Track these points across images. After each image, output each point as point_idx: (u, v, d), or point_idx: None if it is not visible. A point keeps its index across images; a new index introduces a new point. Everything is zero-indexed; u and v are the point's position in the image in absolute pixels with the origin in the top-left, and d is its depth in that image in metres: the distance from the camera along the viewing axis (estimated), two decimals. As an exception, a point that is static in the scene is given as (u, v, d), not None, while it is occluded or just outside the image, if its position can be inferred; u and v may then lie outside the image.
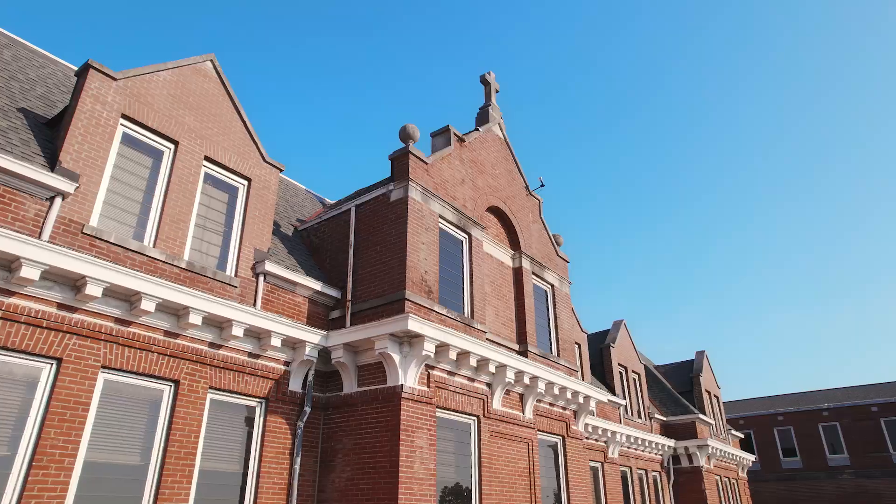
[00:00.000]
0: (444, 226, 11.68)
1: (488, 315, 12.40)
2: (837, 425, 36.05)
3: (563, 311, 14.84)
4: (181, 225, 9.13)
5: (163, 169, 9.25)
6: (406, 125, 11.50)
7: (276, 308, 10.16)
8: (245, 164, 10.46)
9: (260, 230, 10.34)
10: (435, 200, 11.35)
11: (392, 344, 9.48)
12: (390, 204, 10.99)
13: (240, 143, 10.51)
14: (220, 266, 9.65)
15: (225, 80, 10.56)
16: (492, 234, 13.48)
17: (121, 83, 8.82)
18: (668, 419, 24.01)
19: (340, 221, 11.91)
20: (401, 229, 10.57)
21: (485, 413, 11.00)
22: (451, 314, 10.84)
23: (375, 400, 9.65)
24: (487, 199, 13.27)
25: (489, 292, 12.67)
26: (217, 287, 9.30)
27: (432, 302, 10.45)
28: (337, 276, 11.40)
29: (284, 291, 10.41)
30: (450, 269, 11.53)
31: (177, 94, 9.67)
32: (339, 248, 11.67)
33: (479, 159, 13.42)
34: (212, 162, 9.98)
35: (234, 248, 9.91)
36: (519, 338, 13.09)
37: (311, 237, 12.45)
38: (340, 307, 10.99)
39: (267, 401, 9.51)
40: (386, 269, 10.51)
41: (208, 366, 8.77)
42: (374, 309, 10.37)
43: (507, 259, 13.67)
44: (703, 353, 27.88)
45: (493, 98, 15.13)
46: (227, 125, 10.39)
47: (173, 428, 8.06)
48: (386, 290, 10.34)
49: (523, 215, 14.51)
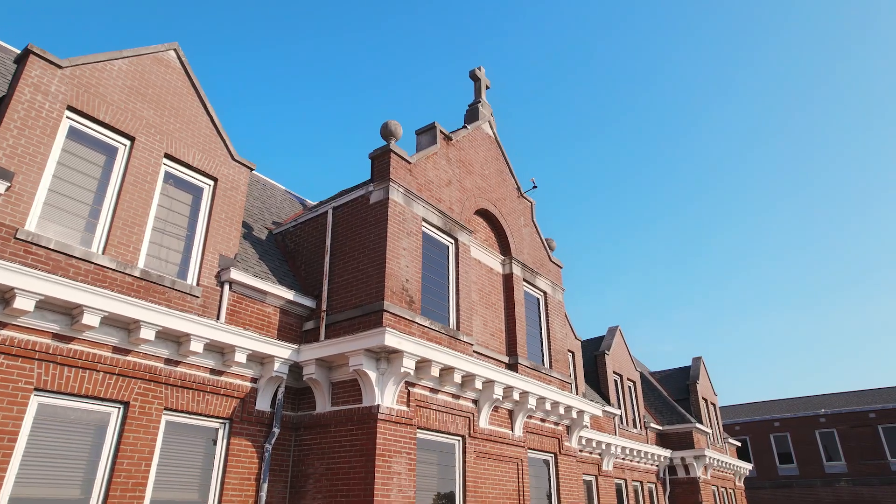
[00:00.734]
0: (429, 230, 10.89)
1: (476, 325, 11.61)
2: (834, 432, 35.42)
3: (556, 319, 14.07)
4: (136, 229, 8.30)
5: (116, 167, 8.41)
6: (388, 121, 10.70)
7: (243, 320, 9.34)
8: (211, 163, 9.63)
9: (226, 234, 9.51)
10: (418, 203, 10.56)
11: (368, 360, 8.68)
12: (370, 206, 10.19)
13: (205, 140, 9.68)
14: (181, 274, 8.82)
15: (190, 70, 9.73)
16: (480, 239, 12.69)
17: (67, 72, 7.98)
18: (663, 428, 23.29)
19: (317, 225, 11.10)
20: (380, 234, 9.76)
21: (471, 432, 10.21)
22: (435, 326, 10.05)
23: (350, 421, 8.85)
24: (476, 201, 12.48)
25: (477, 301, 11.89)
26: (176, 297, 8.47)
27: (413, 313, 9.65)
28: (312, 283, 10.58)
29: (253, 301, 9.58)
30: (434, 277, 10.74)
31: (134, 86, 8.83)
32: (314, 254, 10.85)
33: (467, 159, 12.63)
34: (173, 160, 9.15)
35: (197, 255, 9.08)
36: (509, 349, 12.31)
37: (287, 241, 11.63)
38: (315, 318, 10.18)
39: (231, 421, 8.69)
40: (364, 277, 9.71)
41: (164, 384, 7.94)
42: (350, 321, 9.57)
43: (496, 265, 12.88)
44: (699, 359, 27.19)
45: (483, 94, 14.34)
46: (192, 120, 9.56)
47: (121, 455, 7.22)
48: (363, 300, 9.54)
49: (514, 218, 13.73)
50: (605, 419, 19.62)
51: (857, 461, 34.41)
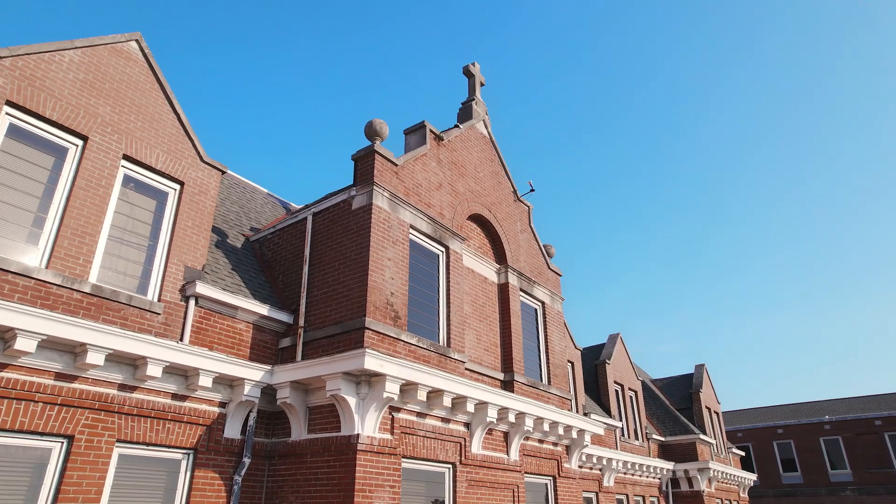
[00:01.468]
0: (417, 238, 10.04)
1: (468, 340, 10.76)
2: (839, 439, 34.61)
3: (555, 331, 13.23)
4: (88, 239, 7.44)
5: (66, 170, 7.55)
6: (373, 120, 9.86)
7: (211, 338, 8.48)
8: (177, 165, 8.78)
9: (193, 243, 8.66)
10: (405, 208, 9.71)
11: (346, 384, 7.83)
12: (352, 212, 9.34)
13: (171, 140, 8.82)
14: (141, 289, 7.96)
15: (154, 64, 8.88)
16: (474, 246, 11.85)
17: (7, 62, 7.12)
18: (666, 439, 22.46)
19: (296, 232, 10.24)
20: (362, 243, 8.92)
21: (462, 459, 9.37)
22: (423, 343, 9.20)
23: (327, 451, 7.99)
24: (469, 205, 11.64)
25: (469, 314, 11.04)
26: (133, 315, 7.62)
27: (399, 330, 8.81)
28: (290, 296, 9.73)
29: (222, 317, 8.73)
30: (422, 289, 9.89)
31: (88, 80, 7.98)
32: (293, 264, 10.00)
33: (459, 160, 11.78)
34: (133, 162, 8.30)
35: (160, 267, 8.22)
36: (504, 365, 11.46)
37: (264, 249, 10.78)
38: (292, 334, 9.32)
39: (195, 452, 7.83)
40: (344, 290, 8.86)
41: (116, 414, 7.09)
42: (329, 339, 8.72)
43: (491, 274, 12.04)
44: (702, 367, 26.38)
45: (477, 91, 13.50)
46: (156, 118, 8.71)
47: (62, 496, 6.37)
48: (344, 315, 8.69)
49: (510, 224, 12.89)
50: (606, 432, 18.78)
51: (862, 469, 33.61)
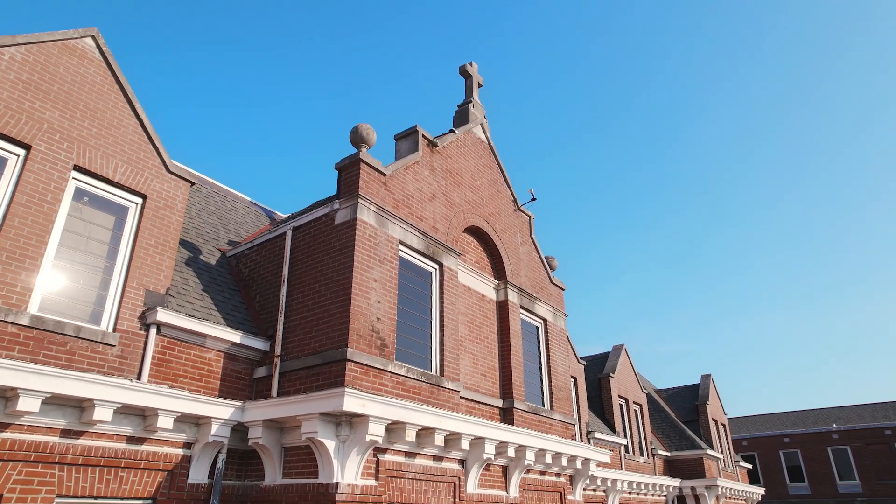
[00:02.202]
0: (407, 254, 9.14)
1: (464, 365, 9.86)
2: (848, 449, 33.70)
3: (558, 350, 12.32)
4: (28, 263, 6.54)
5: (3, 184, 6.65)
6: (359, 126, 8.95)
7: (175, 370, 7.58)
8: (138, 177, 7.87)
9: (156, 264, 7.75)
10: (395, 222, 8.81)
11: (325, 426, 6.93)
12: (334, 228, 8.43)
13: (132, 149, 7.92)
14: (93, 318, 7.05)
15: (113, 63, 7.98)
16: (470, 261, 10.94)
17: (-68, 63, 6.21)
18: (672, 454, 21.57)
19: (274, 248, 9.34)
20: (345, 263, 8.01)
21: (456, 500, 8.47)
22: (413, 373, 8.30)
23: (303, 499, 7.09)
24: (465, 217, 10.73)
25: (465, 335, 10.14)
26: (82, 349, 6.71)
27: (385, 360, 7.90)
28: (267, 319, 8.83)
29: (188, 346, 7.82)
30: (413, 312, 8.99)
31: (33, 80, 7.07)
32: (271, 283, 9.10)
33: (455, 168, 10.87)
34: (86, 173, 7.39)
35: (116, 292, 7.32)
36: (503, 391, 10.56)
37: (241, 266, 9.87)
38: (268, 363, 8.42)
39: (154, 502, 6.93)
40: (325, 315, 7.96)
41: (57, 465, 6.19)
42: (308, 370, 7.82)
43: (489, 291, 11.13)
44: (708, 377, 25.49)
45: (475, 93, 12.59)
46: (114, 124, 7.80)
47: (-11, 567, 5.48)
48: (324, 344, 7.78)
49: (510, 236, 11.98)
50: (610, 449, 17.89)
51: (872, 480, 32.69)
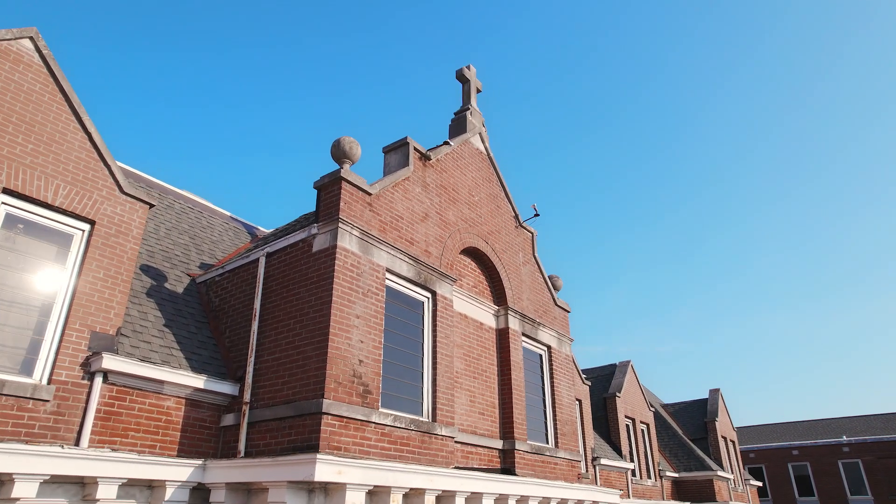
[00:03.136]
0: (396, 283, 8.13)
1: (459, 404, 8.86)
2: (859, 462, 32.68)
3: (563, 380, 11.31)
4: (-58, 307, 5.53)
5: (-85, 214, 5.65)
6: (340, 139, 7.95)
7: (124, 424, 6.57)
8: (85, 200, 6.87)
9: (105, 300, 6.75)
10: (381, 248, 7.80)
11: (295, 495, 5.94)
12: (312, 256, 7.43)
13: (78, 167, 6.91)
14: (25, 368, 6.05)
15: (56, 68, 6.97)
16: (467, 286, 9.94)
17: None
18: (680, 475, 20.57)
19: (246, 276, 8.34)
20: (323, 298, 7.00)
21: (450, 564, 7.46)
22: (400, 422, 7.30)
23: (271, 578, 6.09)
24: (462, 237, 9.72)
25: (462, 370, 9.14)
26: (6, 407, 5.71)
27: (369, 410, 6.90)
28: (237, 357, 7.83)
29: (143, 394, 6.82)
30: (402, 349, 7.98)
31: (-46, 92, 6.07)
32: (241, 316, 8.10)
33: (450, 183, 9.87)
34: (19, 197, 6.39)
35: (54, 336, 6.31)
36: (503, 430, 9.56)
37: (211, 294, 8.87)
38: (236, 410, 7.42)
39: (95, 582, 5.93)
40: (300, 358, 6.95)
41: (-28, 551, 5.20)
42: (279, 422, 6.81)
43: (487, 318, 10.12)
44: (717, 391, 24.49)
45: (473, 100, 11.58)
46: (56, 139, 6.80)
47: None
48: (298, 392, 6.78)
49: (511, 255, 10.97)
50: (617, 475, 16.91)
51: (885, 496, 31.66)
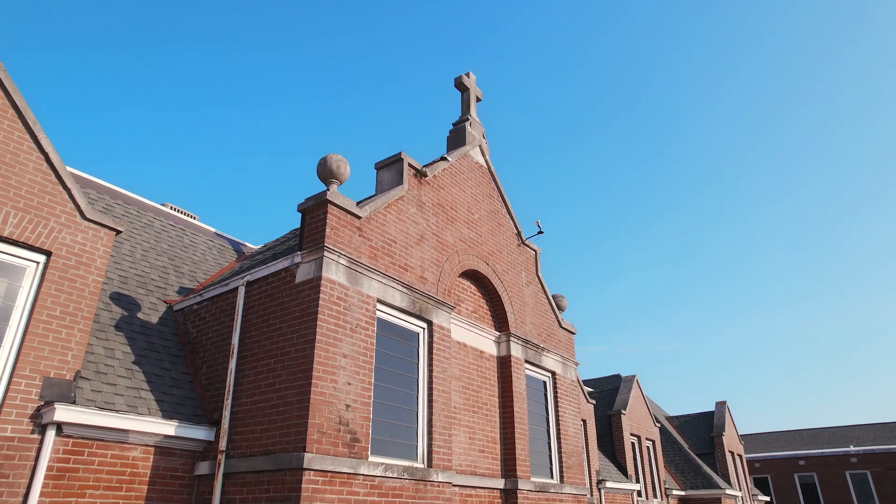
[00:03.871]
0: (388, 315, 7.43)
1: (458, 443, 8.17)
2: (867, 474, 31.97)
3: (568, 408, 10.62)
4: None
5: None
6: (327, 157, 7.26)
7: (81, 481, 5.86)
8: (39, 228, 6.18)
9: (62, 341, 6.05)
10: (371, 277, 7.11)
11: (270, 568, 5.23)
12: (294, 287, 6.73)
13: (31, 191, 6.22)
14: (-35, 420, 5.36)
15: (7, 80, 6.28)
16: (466, 311, 9.24)
17: None
18: (687, 493, 19.88)
19: (225, 306, 7.64)
20: (306, 335, 6.31)
21: None
22: (392, 471, 6.60)
23: None
24: (461, 260, 9.03)
25: (460, 405, 8.44)
26: (-59, 470, 5.01)
27: (357, 461, 6.20)
28: (214, 397, 7.13)
29: (103, 445, 6.12)
30: (395, 387, 7.28)
31: None
32: (219, 351, 7.40)
33: (448, 201, 9.17)
34: (-37, 228, 5.69)
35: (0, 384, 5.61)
36: (505, 468, 8.86)
37: (188, 324, 8.17)
38: (211, 458, 6.72)
39: None
40: (281, 402, 6.26)
41: None
42: (257, 475, 6.11)
43: (488, 346, 9.43)
44: (724, 404, 23.79)
45: (472, 109, 10.88)
46: (6, 160, 6.11)
47: None
48: (278, 442, 6.09)
49: (513, 276, 10.27)
50: (623, 497, 16.22)
51: (894, 508, 31.01)
